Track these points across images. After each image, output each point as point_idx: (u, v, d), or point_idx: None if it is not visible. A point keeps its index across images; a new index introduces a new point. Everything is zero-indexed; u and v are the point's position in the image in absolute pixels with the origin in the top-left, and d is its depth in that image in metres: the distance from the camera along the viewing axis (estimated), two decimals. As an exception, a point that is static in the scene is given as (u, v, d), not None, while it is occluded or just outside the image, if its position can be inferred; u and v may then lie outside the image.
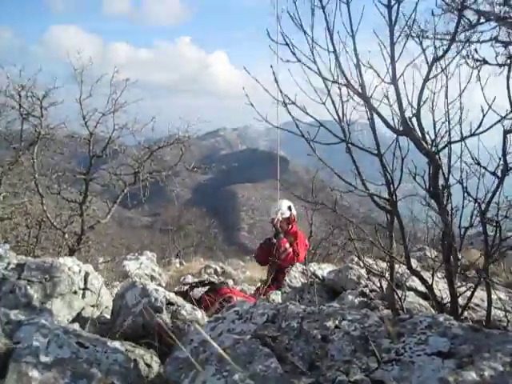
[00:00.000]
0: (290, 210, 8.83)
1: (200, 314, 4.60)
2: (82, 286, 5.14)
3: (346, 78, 3.84)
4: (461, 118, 3.75)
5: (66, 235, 12.80)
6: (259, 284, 9.25)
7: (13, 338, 3.16)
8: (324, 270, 7.32)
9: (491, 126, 3.60)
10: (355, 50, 3.80)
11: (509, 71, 3.68)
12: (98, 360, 3.25)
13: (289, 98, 3.89)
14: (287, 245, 8.27)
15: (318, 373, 2.29)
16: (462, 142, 3.75)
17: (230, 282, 9.79)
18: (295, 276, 6.84)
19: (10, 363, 2.92)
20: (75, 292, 4.99)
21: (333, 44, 3.83)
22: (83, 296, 5.09)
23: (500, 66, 4.67)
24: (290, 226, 8.72)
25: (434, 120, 3.84)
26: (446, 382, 2.07)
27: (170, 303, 4.56)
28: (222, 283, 7.56)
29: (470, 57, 3.66)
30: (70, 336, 3.36)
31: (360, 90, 3.83)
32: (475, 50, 3.59)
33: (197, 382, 2.42)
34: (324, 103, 3.93)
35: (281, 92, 3.91)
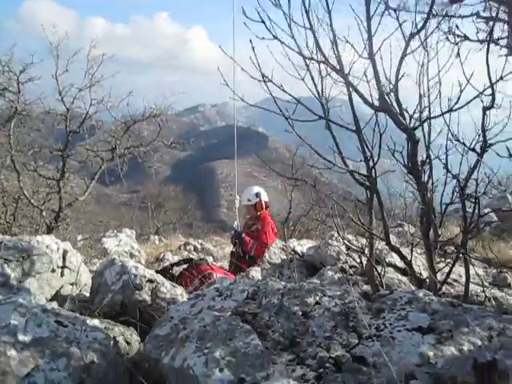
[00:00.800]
0: (258, 196, 8.68)
1: (180, 290, 4.59)
2: (61, 264, 5.09)
3: (324, 55, 3.81)
4: (439, 93, 3.74)
5: (44, 213, 12.70)
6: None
7: (-10, 318, 3.12)
8: (303, 246, 7.33)
9: (469, 102, 3.60)
10: (331, 25, 3.76)
11: (488, 47, 3.67)
12: (77, 338, 3.23)
13: (265, 76, 3.84)
14: (251, 241, 8.17)
15: (299, 349, 2.29)
16: (441, 118, 3.75)
17: (210, 259, 9.78)
18: (275, 252, 6.85)
19: (-13, 343, 2.88)
20: (53, 270, 4.94)
21: (309, 20, 3.78)
22: (62, 274, 5.04)
23: (481, 42, 4.66)
24: (260, 213, 8.59)
25: (420, 94, 3.83)
26: (426, 357, 2.09)
27: (149, 280, 4.54)
28: (202, 260, 7.54)
29: (451, 33, 3.64)
30: (48, 315, 3.33)
31: (338, 67, 3.80)
32: (456, 26, 3.57)
33: (177, 360, 2.41)
34: (303, 79, 3.90)
35: (259, 69, 3.86)
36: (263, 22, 3.75)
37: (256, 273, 6.10)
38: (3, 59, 12.37)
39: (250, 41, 3.90)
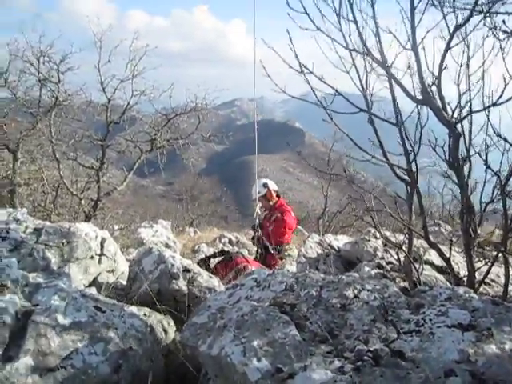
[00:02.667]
0: (266, 187, 8.73)
1: (216, 281, 4.61)
2: (99, 251, 5.17)
3: (367, 47, 3.77)
4: (483, 87, 3.67)
5: (83, 201, 12.89)
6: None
7: (31, 301, 3.18)
8: (340, 241, 7.29)
9: (513, 96, 3.53)
10: (374, 17, 3.72)
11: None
12: (115, 324, 3.28)
13: (307, 68, 3.83)
14: (270, 228, 8.21)
15: (337, 341, 2.29)
16: (483, 115, 3.68)
17: (245, 252, 9.80)
18: (311, 246, 6.82)
19: (28, 324, 2.94)
20: (92, 257, 5.01)
21: (353, 13, 3.75)
22: (99, 261, 5.12)
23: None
24: (273, 202, 8.65)
25: (459, 91, 3.77)
26: (466, 354, 2.06)
27: (186, 270, 4.57)
28: (237, 253, 7.56)
29: (498, 28, 3.55)
30: (87, 300, 3.38)
31: (380, 59, 3.76)
32: (503, 22, 3.49)
33: (214, 348, 2.42)
34: (348, 72, 3.87)
35: (299, 62, 3.85)
36: (306, 13, 3.74)
37: (291, 267, 6.10)
38: (44, 50, 12.58)
39: (287, 31, 3.89)
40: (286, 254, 8.00)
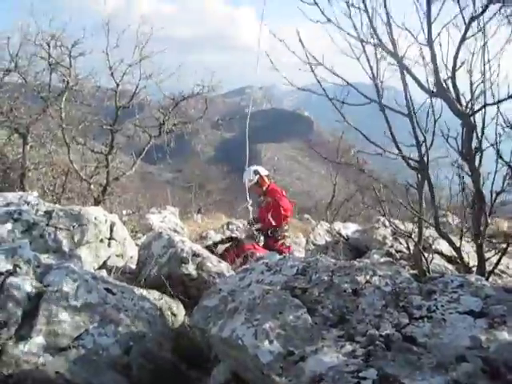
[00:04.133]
0: (257, 173, 8.69)
1: (225, 266, 4.63)
2: (108, 235, 5.20)
3: (378, 38, 3.75)
4: (497, 80, 3.64)
5: (92, 186, 12.93)
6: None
7: (43, 281, 3.21)
8: (348, 229, 7.31)
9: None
10: (385, 6, 3.69)
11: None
12: (125, 306, 3.31)
13: (316, 59, 3.81)
14: (268, 215, 8.19)
15: (349, 326, 2.29)
16: (497, 105, 3.65)
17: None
18: (319, 234, 6.84)
19: (40, 305, 2.97)
20: (101, 241, 5.05)
21: (364, 3, 3.73)
22: (109, 245, 5.15)
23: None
24: (265, 188, 8.62)
25: (471, 82, 3.75)
26: (478, 341, 2.06)
27: (195, 255, 4.58)
28: (245, 239, 7.57)
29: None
30: (98, 282, 3.41)
31: (392, 50, 3.74)
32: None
33: (226, 330, 2.43)
34: (358, 58, 3.85)
35: (307, 52, 3.82)
36: (316, 4, 3.72)
37: (299, 254, 6.11)
38: (56, 34, 12.58)
39: (297, 30, 3.86)
40: (286, 235, 7.95)
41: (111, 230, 5.28)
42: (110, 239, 5.22)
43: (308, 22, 3.70)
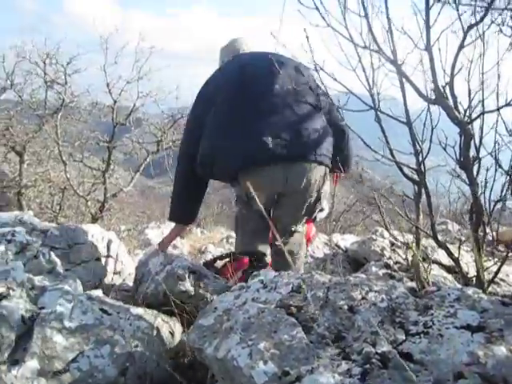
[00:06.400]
0: None
1: (223, 282, 4.59)
2: (105, 253, 5.16)
3: (378, 44, 3.73)
4: (497, 87, 3.62)
5: (89, 203, 12.95)
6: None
7: (37, 304, 3.17)
8: (347, 240, 7.27)
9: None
10: (387, 8, 3.67)
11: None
12: (121, 327, 3.27)
13: (317, 64, 3.80)
14: None
15: (345, 344, 2.26)
16: (496, 113, 3.63)
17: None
18: (318, 246, 6.80)
19: (34, 328, 2.94)
20: (98, 259, 5.01)
21: (364, 8, 3.70)
22: (106, 263, 5.11)
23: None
24: None
25: (469, 89, 3.72)
26: (475, 356, 2.03)
27: (192, 271, 4.55)
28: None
29: (506, 24, 3.51)
30: (93, 302, 3.37)
31: (392, 57, 3.72)
32: (511, 17, 3.44)
33: (221, 351, 2.40)
34: (354, 70, 3.83)
35: (313, 59, 3.81)
36: (317, 8, 3.70)
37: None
38: (51, 52, 12.65)
39: (304, 30, 3.84)
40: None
41: (108, 248, 5.24)
42: (107, 257, 5.17)
43: (307, 25, 3.67)
